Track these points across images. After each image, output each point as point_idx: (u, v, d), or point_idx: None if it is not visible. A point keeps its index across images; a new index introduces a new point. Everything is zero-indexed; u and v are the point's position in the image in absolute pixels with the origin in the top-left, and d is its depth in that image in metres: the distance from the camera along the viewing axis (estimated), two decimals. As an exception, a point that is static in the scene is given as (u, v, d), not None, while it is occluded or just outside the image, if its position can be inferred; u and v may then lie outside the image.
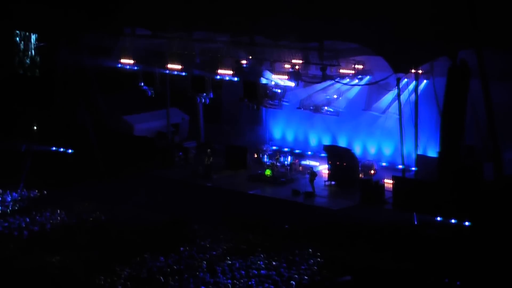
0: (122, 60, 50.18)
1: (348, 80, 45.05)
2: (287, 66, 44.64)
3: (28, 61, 53.41)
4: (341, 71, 44.07)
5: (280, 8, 42.44)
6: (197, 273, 33.38)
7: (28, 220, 40.88)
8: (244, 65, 46.19)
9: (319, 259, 34.69)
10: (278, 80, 44.85)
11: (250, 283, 32.24)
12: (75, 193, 45.25)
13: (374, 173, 45.72)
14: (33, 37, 52.91)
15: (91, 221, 41.27)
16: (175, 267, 34.24)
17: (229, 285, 32.14)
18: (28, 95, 53.45)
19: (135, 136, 52.42)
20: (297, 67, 44.22)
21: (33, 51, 52.89)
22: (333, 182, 45.57)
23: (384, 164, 47.26)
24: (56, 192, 45.93)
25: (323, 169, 46.86)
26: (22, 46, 53.15)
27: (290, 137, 52.54)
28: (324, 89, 46.68)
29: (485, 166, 37.29)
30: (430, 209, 37.87)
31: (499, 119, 37.19)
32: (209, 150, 49.14)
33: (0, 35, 53.53)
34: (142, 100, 51.75)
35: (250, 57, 46.01)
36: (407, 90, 42.75)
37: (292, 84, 44.70)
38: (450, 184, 37.01)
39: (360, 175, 45.16)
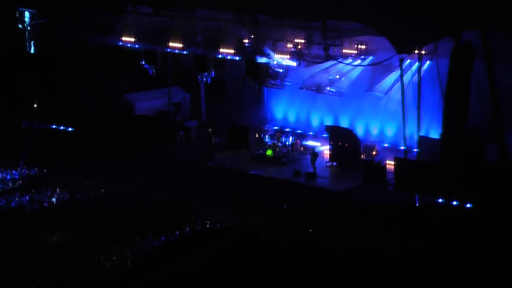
0: (124, 38, 49.96)
1: (351, 60, 44.78)
2: (289, 45, 44.43)
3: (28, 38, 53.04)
4: (344, 51, 43.81)
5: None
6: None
7: (28, 198, 40.81)
8: (247, 44, 45.97)
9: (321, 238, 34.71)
10: (280, 59, 44.62)
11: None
12: (76, 171, 45.13)
13: (376, 154, 45.57)
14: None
15: (92, 199, 41.21)
16: (176, 246, 34.24)
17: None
18: (29, 72, 53.19)
19: (137, 115, 52.23)
20: (299, 46, 44.00)
21: (33, 29, 52.48)
22: (334, 163, 45.42)
23: (386, 145, 47.09)
24: (56, 170, 45.80)
25: (325, 149, 46.70)
26: (23, 23, 52.74)
27: (292, 117, 52.32)
28: (326, 69, 46.38)
29: (488, 148, 37.16)
30: (432, 190, 37.80)
31: (503, 101, 37.02)
32: (210, 129, 48.98)
33: (1, 13, 53.13)
34: (144, 79, 51.54)
35: (253, 36, 45.76)
36: (410, 71, 42.42)
37: (294, 63, 44.52)
38: (453, 166, 36.88)
39: (362, 156, 45.00)
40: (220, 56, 47.09)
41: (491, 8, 36.47)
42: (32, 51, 52.85)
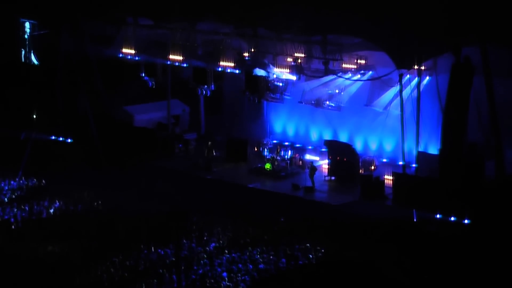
0: (124, 50, 50.04)
1: (350, 75, 44.87)
2: (289, 59, 44.51)
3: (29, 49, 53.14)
4: (344, 65, 43.92)
5: (284, 1, 42.27)
6: (195, 265, 33.28)
7: (26, 208, 40.73)
8: (246, 58, 46.05)
9: (318, 254, 34.59)
10: (280, 73, 44.68)
11: (244, 278, 32.17)
12: (74, 182, 45.07)
13: (374, 169, 45.56)
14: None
15: (90, 211, 41.13)
16: (173, 258, 34.13)
17: (225, 278, 32.05)
18: (29, 83, 53.24)
19: (136, 127, 52.25)
20: (299, 60, 44.08)
21: (34, 39, 52.60)
22: (333, 177, 45.40)
23: (384, 160, 47.08)
24: (55, 181, 45.74)
25: (324, 164, 46.69)
26: (24, 34, 52.87)
27: (291, 131, 52.35)
28: (326, 83, 46.46)
29: (487, 164, 37.15)
30: (430, 206, 37.78)
31: (502, 116, 37.06)
32: (210, 142, 48.98)
33: (1, 22, 53.24)
34: (144, 91, 51.60)
35: (253, 49, 45.84)
36: (409, 86, 42.48)
37: (294, 77, 44.58)
38: (451, 181, 36.87)
39: (361, 171, 44.98)
40: (219, 69, 47.17)
41: (490, 24, 36.55)
42: (32, 61, 52.89)
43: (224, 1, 44.46)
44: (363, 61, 44.05)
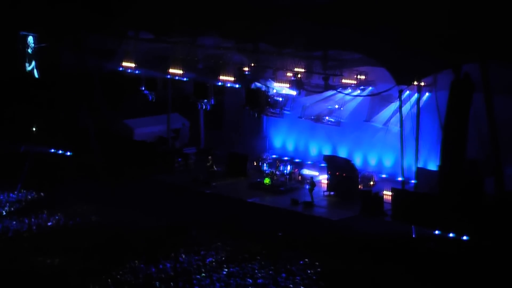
0: (124, 64, 50.10)
1: (350, 90, 44.89)
2: (289, 74, 44.57)
3: (29, 62, 53.18)
4: (344, 81, 43.97)
5: (285, 16, 42.33)
6: (194, 280, 33.24)
7: (25, 221, 40.72)
8: (247, 72, 46.12)
9: (317, 269, 34.58)
10: (280, 88, 44.74)
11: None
12: (74, 196, 45.08)
13: (373, 184, 45.55)
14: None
15: (88, 224, 41.12)
16: (171, 273, 34.11)
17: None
18: (29, 96, 53.28)
19: (136, 140, 52.27)
20: (299, 75, 44.14)
21: (34, 52, 52.66)
22: (332, 193, 45.38)
23: (384, 176, 47.07)
24: (54, 194, 45.74)
25: (323, 179, 46.68)
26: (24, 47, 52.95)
27: (290, 146, 52.36)
28: (326, 99, 46.50)
29: (486, 181, 37.14)
30: (429, 222, 37.73)
31: (502, 133, 37.08)
32: (210, 157, 48.98)
33: (1, 36, 53.33)
34: (144, 105, 51.63)
35: (253, 64, 45.92)
36: (409, 102, 42.52)
37: (294, 92, 44.63)
38: (450, 198, 36.86)
39: (360, 186, 44.97)
40: (220, 83, 47.22)
41: (490, 41, 36.61)
42: (32, 74, 52.94)
43: (225, 16, 44.48)
44: (363, 77, 44.14)
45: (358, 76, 43.93)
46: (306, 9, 41.71)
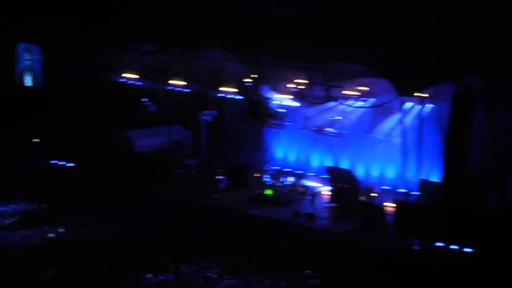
0: (125, 75, 50.11)
1: (352, 102, 44.86)
2: (291, 85, 44.55)
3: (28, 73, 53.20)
4: (345, 92, 43.94)
5: (286, 28, 42.37)
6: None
7: (26, 233, 40.64)
8: (248, 84, 46.12)
9: (318, 281, 34.46)
10: (281, 99, 44.72)
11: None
12: (74, 208, 44.95)
13: (375, 196, 45.44)
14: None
15: (89, 236, 41.02)
16: (173, 284, 34.01)
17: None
18: (30, 108, 53.26)
19: (137, 152, 52.26)
20: (301, 87, 44.11)
21: (35, 63, 52.67)
22: (334, 204, 45.28)
23: (386, 187, 46.95)
24: (54, 206, 45.64)
25: (325, 190, 46.59)
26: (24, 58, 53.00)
27: (292, 157, 52.30)
28: (327, 110, 46.49)
29: (489, 193, 37.06)
30: (431, 234, 37.62)
31: (504, 145, 37.01)
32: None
33: (2, 47, 53.34)
34: (145, 116, 51.64)
35: (254, 75, 45.92)
36: (411, 113, 42.54)
37: (296, 104, 44.63)
38: (453, 210, 36.77)
39: (361, 198, 44.88)
40: (221, 95, 47.21)
41: (492, 53, 36.57)
42: (33, 85, 52.94)
43: (226, 29, 44.49)
44: (364, 88, 44.10)
45: (360, 88, 43.88)
46: (308, 22, 41.74)
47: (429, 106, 42.88)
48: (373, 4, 40.88)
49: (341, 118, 46.00)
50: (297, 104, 44.68)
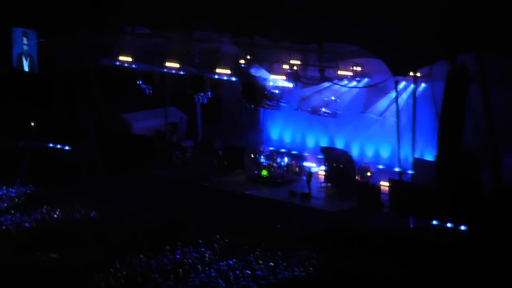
0: (121, 58, 50.12)
1: (346, 82, 44.97)
2: (285, 67, 44.63)
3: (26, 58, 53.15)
4: (340, 73, 44.01)
5: (280, 9, 42.34)
6: (193, 272, 33.41)
7: (24, 216, 40.83)
8: (243, 65, 46.18)
9: (314, 261, 34.74)
10: (276, 81, 44.82)
11: (244, 283, 32.29)
12: (72, 191, 45.18)
13: (370, 175, 45.69)
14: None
15: (87, 219, 41.23)
16: (171, 266, 34.27)
17: (223, 285, 32.22)
18: (27, 92, 53.25)
19: (134, 135, 52.35)
20: (295, 68, 44.21)
21: (31, 48, 52.59)
22: (329, 184, 45.52)
23: (381, 166, 47.18)
24: (52, 189, 45.84)
25: (320, 170, 46.82)
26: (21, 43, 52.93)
27: (287, 138, 52.44)
28: (322, 90, 46.58)
29: (483, 172, 37.25)
30: (426, 213, 37.87)
31: (498, 124, 37.17)
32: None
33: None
34: (141, 99, 51.67)
35: (249, 57, 45.97)
36: (405, 93, 42.69)
37: (290, 85, 44.70)
38: (447, 188, 36.98)
39: (357, 177, 45.12)
40: (216, 77, 47.28)
41: (486, 32, 36.66)
42: (30, 70, 52.87)
43: (220, 11, 44.49)
44: (359, 69, 44.13)
45: (354, 68, 43.93)
46: (302, 2, 41.72)
47: (423, 85, 43.03)
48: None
49: (335, 98, 46.10)
50: (292, 85, 44.71)
